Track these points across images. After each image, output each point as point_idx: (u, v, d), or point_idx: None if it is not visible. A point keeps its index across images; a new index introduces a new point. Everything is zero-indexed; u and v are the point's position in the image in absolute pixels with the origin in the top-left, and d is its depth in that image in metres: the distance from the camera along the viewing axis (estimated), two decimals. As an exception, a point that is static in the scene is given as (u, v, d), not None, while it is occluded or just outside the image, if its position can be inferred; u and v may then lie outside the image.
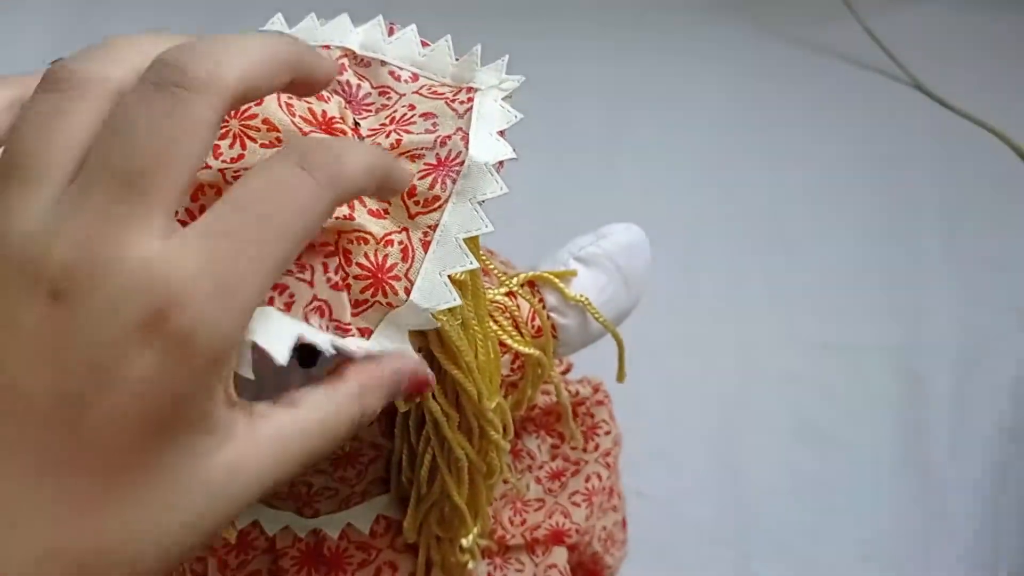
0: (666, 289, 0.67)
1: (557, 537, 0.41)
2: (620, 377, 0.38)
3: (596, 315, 0.35)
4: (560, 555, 0.41)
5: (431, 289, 0.25)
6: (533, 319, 0.35)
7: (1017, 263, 0.70)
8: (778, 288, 0.67)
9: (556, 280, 0.35)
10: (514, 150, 0.26)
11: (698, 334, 0.64)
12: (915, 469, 0.59)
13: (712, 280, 0.67)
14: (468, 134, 0.26)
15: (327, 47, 0.28)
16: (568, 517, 0.41)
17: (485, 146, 0.26)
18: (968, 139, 0.78)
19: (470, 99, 0.27)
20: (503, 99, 0.27)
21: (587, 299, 0.35)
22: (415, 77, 0.29)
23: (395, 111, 0.27)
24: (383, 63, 0.28)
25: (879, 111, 0.80)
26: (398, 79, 0.28)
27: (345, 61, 0.28)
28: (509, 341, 0.33)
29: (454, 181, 0.26)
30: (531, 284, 0.35)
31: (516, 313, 0.34)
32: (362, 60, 0.29)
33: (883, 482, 0.59)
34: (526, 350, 0.34)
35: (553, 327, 0.35)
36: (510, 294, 0.34)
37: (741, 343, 0.64)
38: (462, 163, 0.26)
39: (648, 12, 0.86)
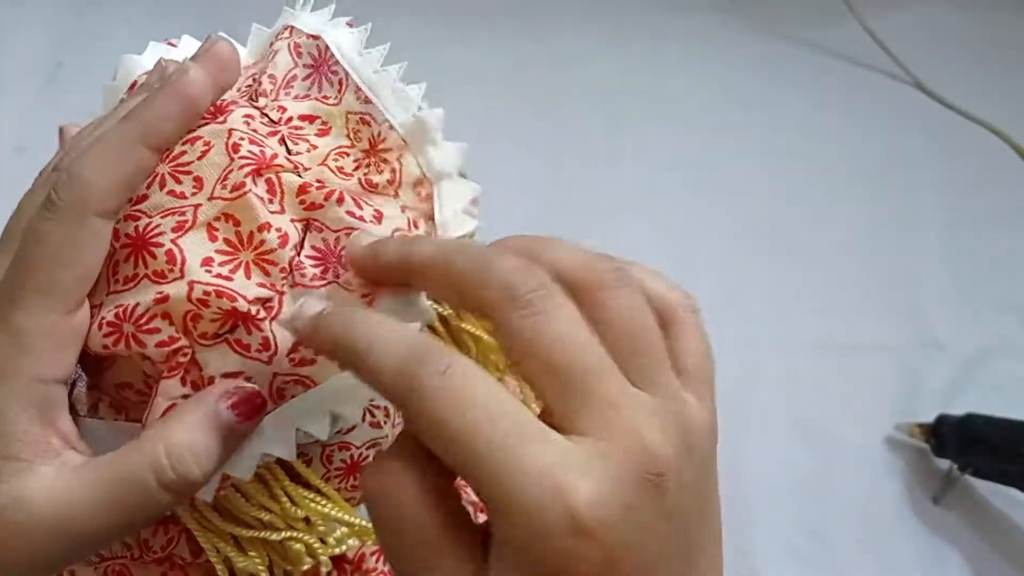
0: (666, 289, 0.67)
1: None
2: None
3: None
4: None
5: None
6: None
7: (1017, 263, 0.70)
8: (778, 288, 0.67)
9: None
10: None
11: (698, 334, 0.64)
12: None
13: (712, 280, 0.67)
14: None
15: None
16: None
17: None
18: (968, 139, 0.78)
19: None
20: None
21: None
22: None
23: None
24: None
25: (879, 111, 0.80)
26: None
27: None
28: None
29: None
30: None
31: None
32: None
33: (883, 481, 0.59)
34: None
35: None
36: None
37: (741, 343, 0.64)
38: None
39: (648, 12, 0.86)
